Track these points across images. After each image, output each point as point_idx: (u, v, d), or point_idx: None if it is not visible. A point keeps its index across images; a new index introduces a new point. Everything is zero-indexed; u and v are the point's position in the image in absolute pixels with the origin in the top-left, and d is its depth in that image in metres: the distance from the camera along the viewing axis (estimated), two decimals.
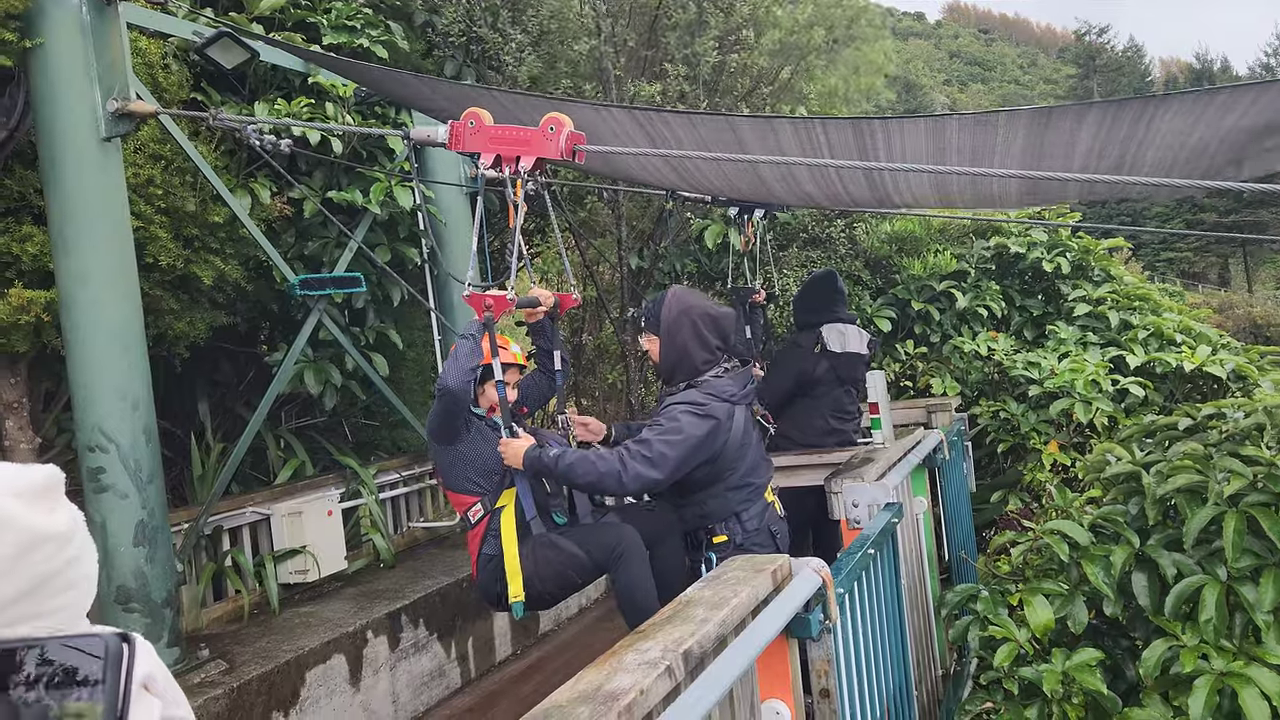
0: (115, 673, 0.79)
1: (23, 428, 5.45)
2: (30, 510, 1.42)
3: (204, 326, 5.95)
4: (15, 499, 1.41)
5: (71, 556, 1.47)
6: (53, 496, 1.47)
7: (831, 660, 2.74)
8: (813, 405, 5.63)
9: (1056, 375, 7.16)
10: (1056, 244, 8.52)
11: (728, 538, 3.85)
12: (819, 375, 5.60)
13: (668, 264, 9.05)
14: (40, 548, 1.41)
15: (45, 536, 1.43)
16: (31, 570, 1.39)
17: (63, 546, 1.46)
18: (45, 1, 4.39)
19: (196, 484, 6.38)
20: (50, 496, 1.47)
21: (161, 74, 5.27)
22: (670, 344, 3.87)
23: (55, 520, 1.46)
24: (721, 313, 3.97)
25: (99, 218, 4.50)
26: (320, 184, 6.52)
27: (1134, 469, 3.86)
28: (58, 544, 1.45)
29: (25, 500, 1.42)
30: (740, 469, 3.83)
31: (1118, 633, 3.80)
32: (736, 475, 3.82)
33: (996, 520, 7.15)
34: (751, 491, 3.88)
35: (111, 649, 0.80)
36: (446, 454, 3.73)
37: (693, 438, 3.59)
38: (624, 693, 1.87)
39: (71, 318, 4.51)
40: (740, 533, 3.84)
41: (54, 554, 1.44)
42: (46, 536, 1.43)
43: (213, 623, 5.50)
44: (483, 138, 3.73)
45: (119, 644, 0.80)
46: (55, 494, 1.48)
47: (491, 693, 5.90)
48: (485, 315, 3.45)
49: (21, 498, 1.42)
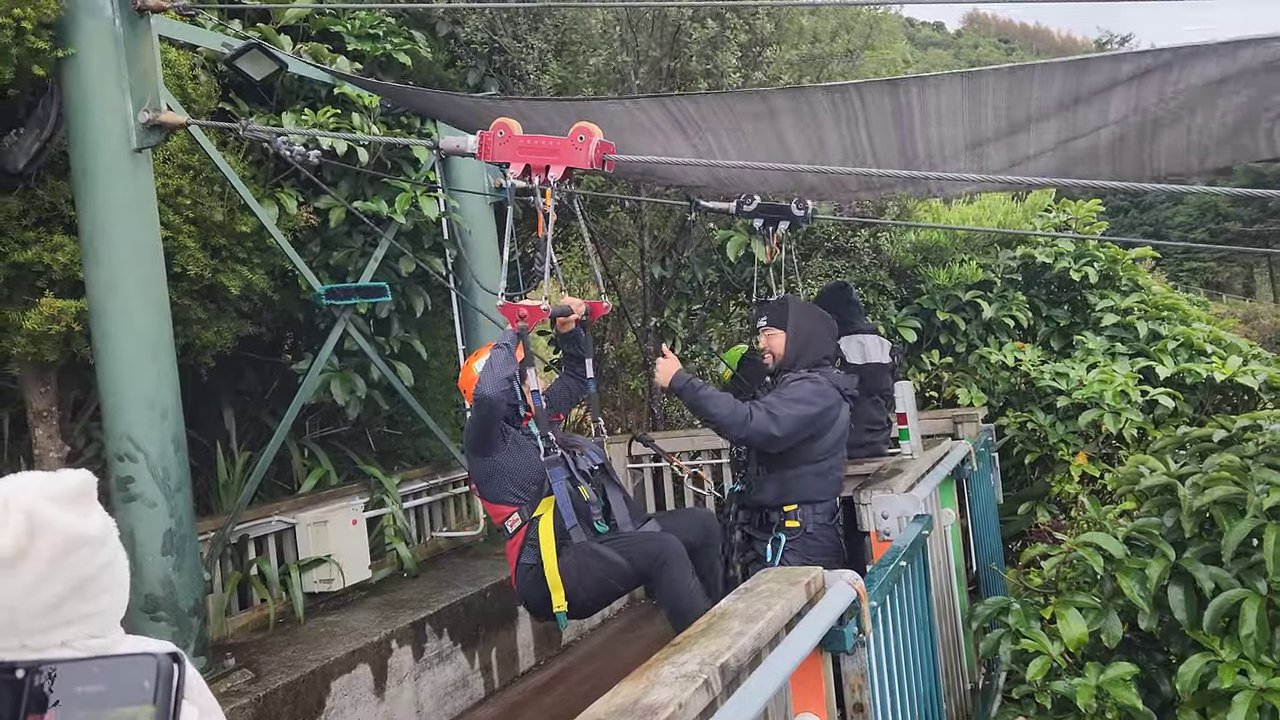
0: (167, 691, 0.80)
1: (52, 436, 5.48)
2: (66, 514, 1.42)
3: (230, 336, 5.98)
4: (51, 503, 1.42)
5: (106, 560, 1.48)
6: (86, 501, 1.48)
7: (865, 674, 2.71)
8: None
9: (1085, 386, 7.09)
10: (1083, 254, 8.46)
11: (800, 524, 4.21)
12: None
13: (689, 274, 9.04)
14: (78, 551, 1.42)
15: (82, 540, 1.43)
16: (70, 573, 1.40)
17: (98, 550, 1.46)
18: (79, 14, 4.44)
19: (222, 493, 6.40)
20: (84, 501, 1.47)
21: (191, 85, 5.31)
22: (797, 337, 4.41)
23: (90, 524, 1.47)
24: (833, 323, 4.64)
25: (129, 228, 4.53)
26: (346, 194, 6.55)
27: (1169, 481, 3.81)
28: (93, 548, 1.45)
29: (61, 505, 1.43)
30: (830, 461, 4.27)
31: (1152, 647, 3.74)
32: (825, 464, 4.24)
33: (1025, 532, 7.08)
34: (832, 484, 4.31)
35: (163, 668, 0.80)
36: (484, 465, 3.74)
37: (812, 407, 4.11)
38: (662, 706, 1.85)
39: (101, 327, 4.54)
40: (811, 521, 4.22)
41: (90, 557, 1.44)
42: (83, 540, 1.44)
43: (238, 631, 5.51)
44: (512, 147, 3.74)
45: (170, 663, 0.80)
46: (89, 498, 1.49)
47: (515, 704, 5.88)
48: (519, 325, 3.45)
49: (57, 502, 1.43)
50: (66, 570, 1.39)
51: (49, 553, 1.40)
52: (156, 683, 0.80)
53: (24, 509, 1.40)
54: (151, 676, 0.81)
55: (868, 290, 8.51)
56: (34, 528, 1.39)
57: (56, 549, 1.41)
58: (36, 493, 1.44)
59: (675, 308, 9.23)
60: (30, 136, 4.65)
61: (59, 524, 1.43)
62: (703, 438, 7.76)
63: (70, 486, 1.49)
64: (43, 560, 1.39)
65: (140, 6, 4.51)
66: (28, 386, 5.36)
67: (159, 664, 0.81)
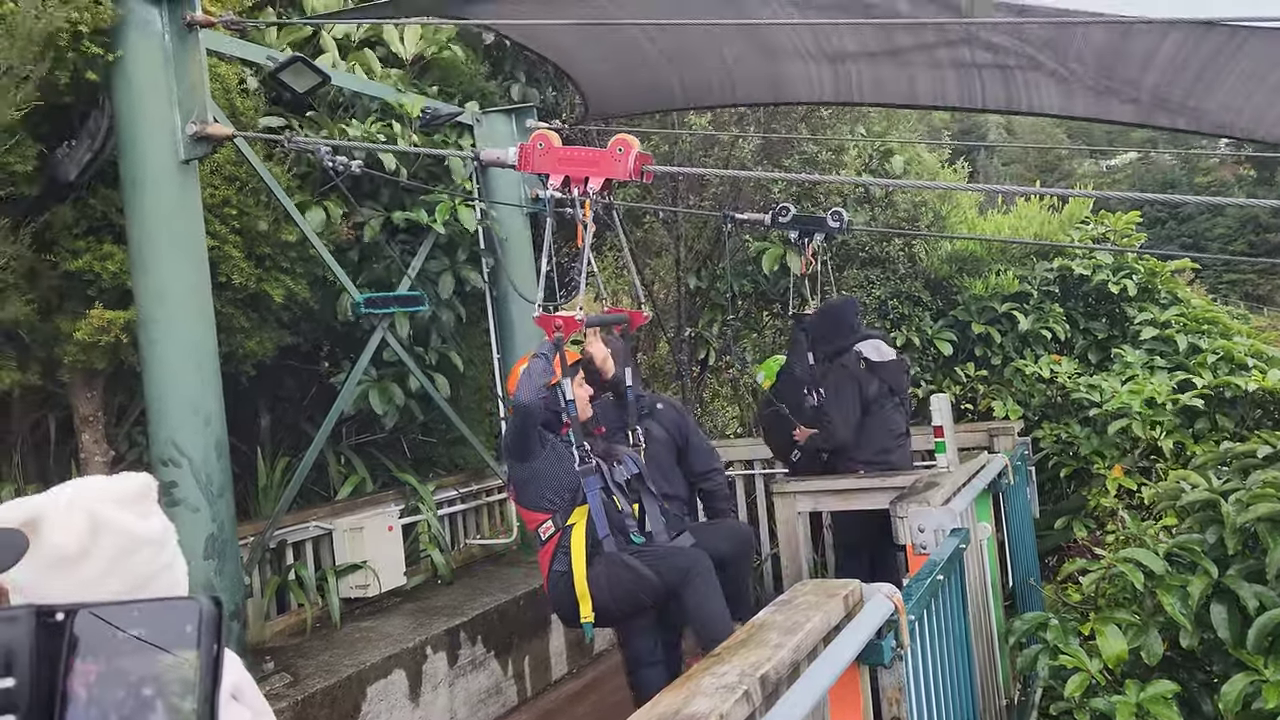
0: (210, 635, 0.79)
1: (98, 441, 5.59)
2: (127, 515, 1.47)
3: (272, 345, 6.07)
4: (113, 505, 1.47)
5: (166, 562, 1.53)
6: (146, 503, 1.53)
7: (903, 688, 2.71)
8: (872, 423, 5.58)
9: (1116, 396, 7.02)
10: (1121, 266, 8.37)
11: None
12: (874, 392, 5.56)
13: (724, 285, 9.04)
14: (139, 551, 1.47)
15: (143, 540, 1.48)
16: (131, 573, 1.45)
17: (158, 551, 1.51)
18: (129, 29, 4.55)
19: (260, 498, 6.49)
20: (144, 503, 1.52)
21: (238, 98, 5.41)
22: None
23: (151, 525, 1.52)
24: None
25: (177, 237, 4.63)
26: (386, 204, 6.63)
27: (1212, 497, 3.77)
28: (153, 549, 1.50)
29: (122, 506, 1.48)
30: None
31: (1194, 666, 3.70)
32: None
33: (1062, 547, 7.01)
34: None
35: (206, 613, 0.79)
36: (522, 470, 3.78)
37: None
38: (703, 716, 1.86)
39: (148, 334, 4.63)
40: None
41: (151, 559, 1.49)
42: (143, 541, 1.48)
43: (276, 635, 5.58)
44: (551, 159, 3.78)
45: (213, 608, 0.80)
46: (149, 501, 1.54)
47: (548, 711, 5.91)
48: (555, 336, 3.49)
49: (119, 504, 1.48)
50: (127, 570, 1.44)
51: (110, 552, 1.44)
52: (200, 627, 0.79)
53: (86, 509, 1.45)
54: (194, 621, 0.78)
55: (902, 301, 8.46)
56: (96, 527, 1.44)
57: (117, 549, 1.46)
58: (99, 494, 1.49)
59: (709, 318, 9.24)
60: (82, 148, 4.75)
61: (120, 525, 1.47)
62: (737, 449, 7.76)
63: (131, 489, 1.54)
64: (104, 559, 1.44)
65: (189, 21, 4.61)
66: (75, 392, 5.47)
67: (201, 608, 0.79)
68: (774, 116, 9.06)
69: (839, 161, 8.81)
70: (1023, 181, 33.74)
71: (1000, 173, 37.84)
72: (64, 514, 1.44)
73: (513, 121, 7.06)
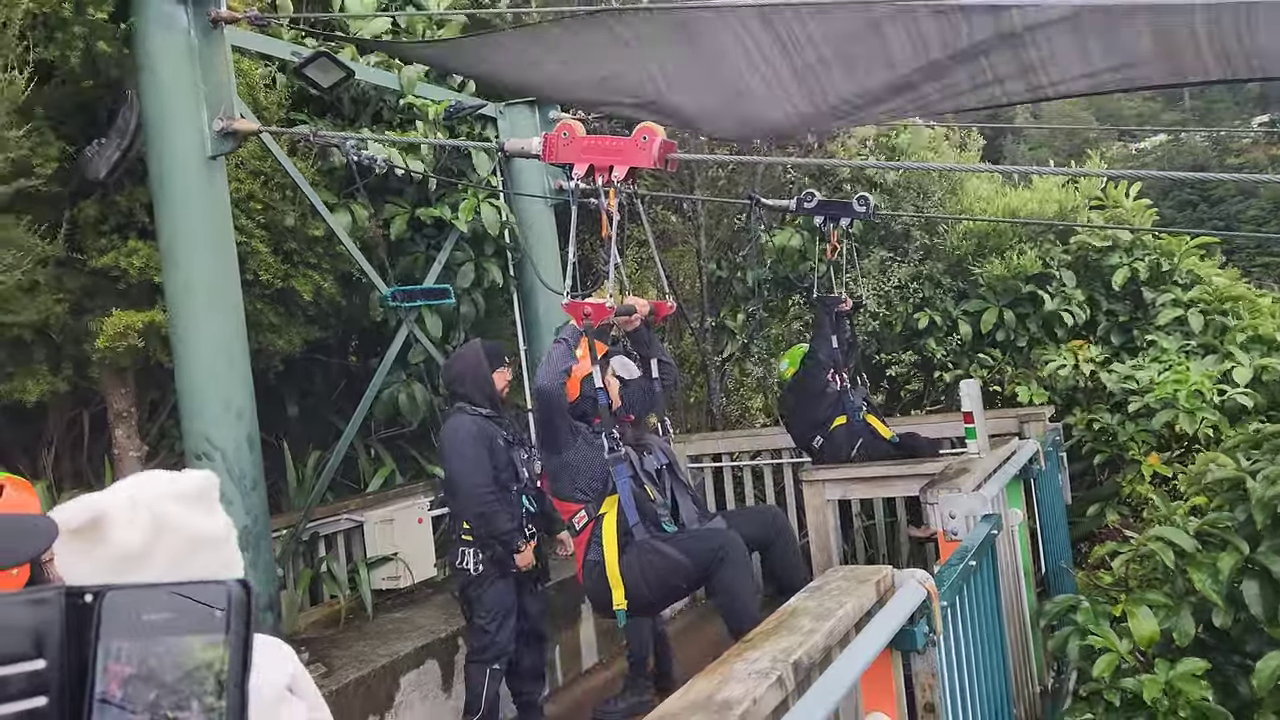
0: (240, 621, 0.76)
1: (130, 436, 5.66)
2: (191, 513, 1.48)
3: (300, 341, 6.12)
4: (177, 502, 1.48)
5: (226, 561, 1.53)
6: (209, 501, 1.54)
7: (936, 674, 2.69)
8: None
9: (1158, 387, 6.89)
10: (1133, 246, 8.13)
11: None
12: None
13: (746, 274, 9.00)
14: (201, 550, 1.48)
15: (204, 539, 1.49)
16: (191, 571, 1.45)
17: (218, 550, 1.52)
18: (155, 27, 4.58)
19: (291, 491, 6.55)
20: (207, 500, 1.53)
21: (263, 94, 5.44)
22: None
23: (213, 523, 1.52)
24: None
25: (205, 233, 4.67)
26: (411, 200, 6.65)
27: (1239, 475, 3.73)
28: (214, 548, 1.51)
29: (186, 504, 1.49)
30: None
31: (1229, 647, 3.66)
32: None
33: (1094, 534, 6.95)
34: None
35: (235, 596, 0.78)
36: (554, 462, 3.81)
37: None
38: (736, 702, 1.86)
39: (179, 329, 4.68)
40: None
41: (211, 558, 1.50)
42: (205, 539, 1.49)
43: (310, 627, 5.64)
44: (576, 148, 3.78)
45: (241, 591, 0.78)
46: (211, 498, 1.54)
47: (579, 700, 5.93)
48: (584, 323, 3.49)
49: (183, 502, 1.49)
50: (187, 569, 1.44)
51: (172, 551, 1.45)
52: (229, 612, 0.76)
53: (152, 507, 1.46)
54: (222, 605, 0.76)
55: (923, 284, 8.34)
56: (160, 526, 1.45)
57: (179, 548, 1.47)
58: (163, 492, 1.50)
59: (732, 307, 9.21)
60: (111, 145, 4.80)
61: (184, 523, 1.48)
62: (764, 438, 7.75)
63: (193, 486, 1.54)
64: (166, 558, 1.45)
65: (214, 18, 4.64)
66: (108, 388, 5.54)
67: (229, 592, 0.76)
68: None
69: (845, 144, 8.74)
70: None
71: (1027, 156, 37.38)
72: (128, 511, 1.45)
73: (535, 113, 7.06)
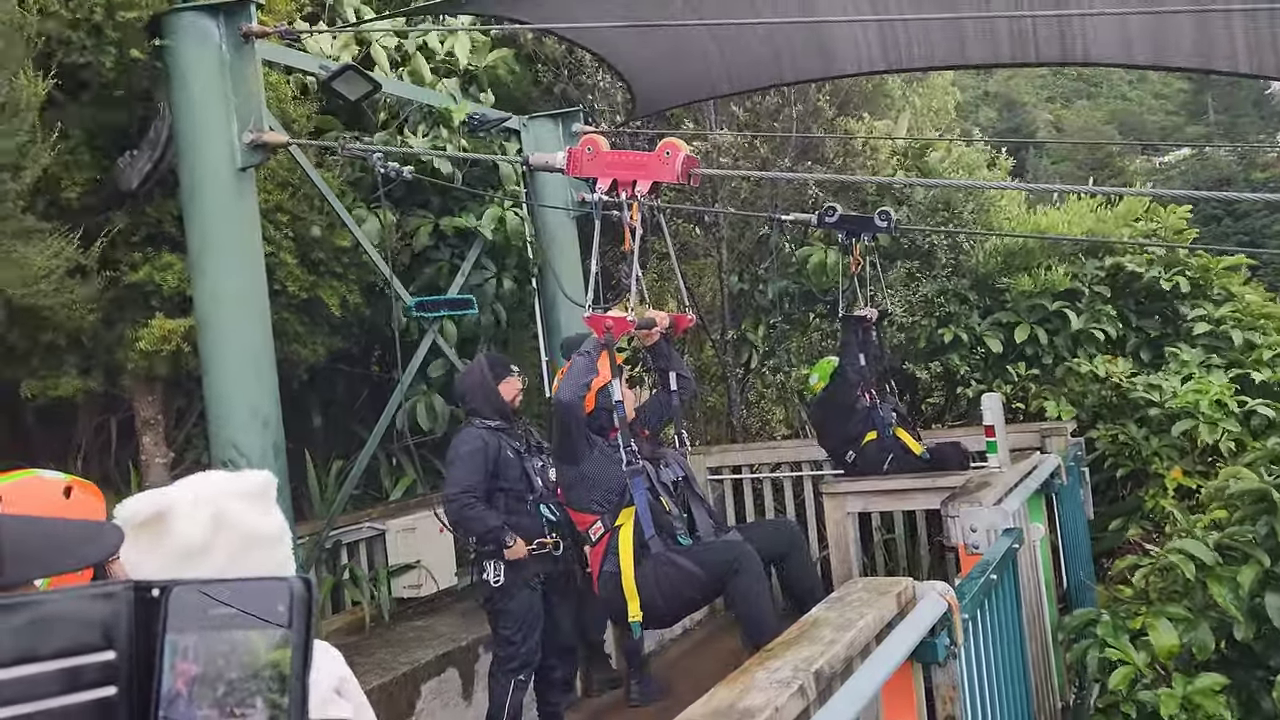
0: (302, 616, 0.77)
1: (157, 443, 5.74)
2: (250, 511, 1.52)
3: (325, 350, 6.19)
4: (237, 500, 1.52)
5: (281, 560, 1.57)
6: (267, 500, 1.58)
7: (957, 686, 2.70)
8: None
9: (1178, 396, 6.88)
10: (1174, 263, 8.20)
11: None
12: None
13: (767, 287, 9.01)
14: (257, 548, 1.52)
15: (260, 538, 1.53)
16: (247, 569, 1.49)
17: (274, 548, 1.56)
18: (188, 42, 4.67)
19: (313, 499, 6.60)
20: (265, 499, 1.57)
21: (292, 106, 5.52)
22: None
23: (271, 522, 1.56)
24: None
25: (234, 244, 4.75)
26: (436, 210, 6.72)
27: (1262, 487, 3.71)
28: (269, 547, 1.55)
29: (246, 502, 1.53)
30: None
31: (1252, 662, 3.63)
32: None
33: (1117, 548, 6.90)
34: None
35: (297, 592, 0.79)
36: (571, 473, 3.83)
37: None
38: (758, 710, 1.88)
39: (208, 339, 4.75)
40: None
41: (267, 556, 1.54)
42: (261, 538, 1.53)
43: (332, 634, 5.67)
44: (600, 163, 3.82)
45: (303, 588, 0.80)
46: (269, 498, 1.58)
47: (597, 710, 5.94)
48: (605, 336, 3.52)
49: (242, 500, 1.53)
50: (243, 566, 1.49)
51: (230, 548, 1.50)
52: (291, 607, 0.78)
53: (212, 504, 1.50)
54: (285, 600, 0.77)
55: (949, 299, 8.35)
56: (220, 522, 1.50)
57: (236, 545, 1.51)
58: (224, 489, 1.55)
59: (754, 320, 9.22)
60: (143, 157, 4.89)
61: (241, 519, 1.52)
62: (785, 450, 7.75)
63: (253, 485, 1.59)
64: (224, 554, 1.49)
65: (246, 33, 4.72)
66: (137, 396, 5.63)
67: (291, 588, 0.77)
68: (812, 115, 9.01)
69: (874, 159, 8.75)
70: (1073, 180, 33.21)
71: (1049, 171, 37.26)
72: (190, 507, 1.49)
73: (559, 126, 7.12)
